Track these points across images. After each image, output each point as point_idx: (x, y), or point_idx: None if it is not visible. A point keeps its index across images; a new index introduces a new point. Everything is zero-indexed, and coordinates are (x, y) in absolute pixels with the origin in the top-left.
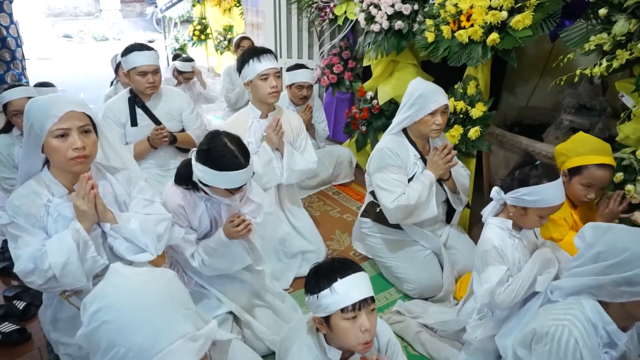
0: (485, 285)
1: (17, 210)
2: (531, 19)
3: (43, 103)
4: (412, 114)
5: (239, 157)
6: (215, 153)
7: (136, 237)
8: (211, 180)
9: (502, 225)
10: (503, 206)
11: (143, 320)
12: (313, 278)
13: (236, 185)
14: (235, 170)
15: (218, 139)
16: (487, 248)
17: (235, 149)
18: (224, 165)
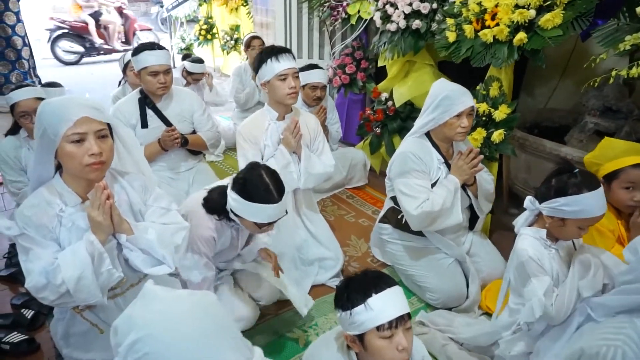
0: (534, 299)
1: (27, 221)
2: (561, 18)
3: (57, 106)
4: (436, 116)
5: (272, 192)
6: (249, 184)
7: (153, 249)
8: (241, 210)
9: (536, 235)
10: (537, 216)
11: (189, 352)
12: (345, 293)
13: (265, 220)
14: (266, 203)
15: (256, 170)
16: (523, 259)
17: (270, 182)
18: (255, 197)
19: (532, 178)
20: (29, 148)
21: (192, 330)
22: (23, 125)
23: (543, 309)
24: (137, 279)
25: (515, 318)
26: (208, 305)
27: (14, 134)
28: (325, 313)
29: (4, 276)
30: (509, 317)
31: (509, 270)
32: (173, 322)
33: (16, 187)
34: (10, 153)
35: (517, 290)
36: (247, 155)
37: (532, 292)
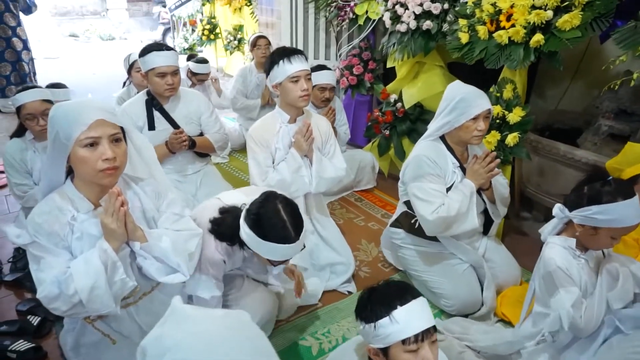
0: (561, 311)
1: (38, 229)
2: (580, 19)
3: (70, 109)
4: (452, 119)
5: (289, 230)
6: (265, 220)
7: (168, 257)
8: (254, 246)
9: (565, 244)
10: (566, 225)
11: None
12: (367, 304)
13: (280, 258)
14: (283, 244)
15: (272, 203)
16: (551, 269)
17: (288, 219)
18: (270, 235)
19: (545, 181)
20: (34, 151)
21: (230, 355)
22: (29, 128)
23: (571, 322)
24: (150, 287)
25: (540, 328)
26: (245, 327)
27: (20, 136)
28: (337, 320)
29: (9, 281)
30: (533, 327)
31: (534, 279)
32: (210, 345)
33: (21, 190)
34: (16, 156)
35: (543, 300)
36: (257, 159)
37: (560, 304)
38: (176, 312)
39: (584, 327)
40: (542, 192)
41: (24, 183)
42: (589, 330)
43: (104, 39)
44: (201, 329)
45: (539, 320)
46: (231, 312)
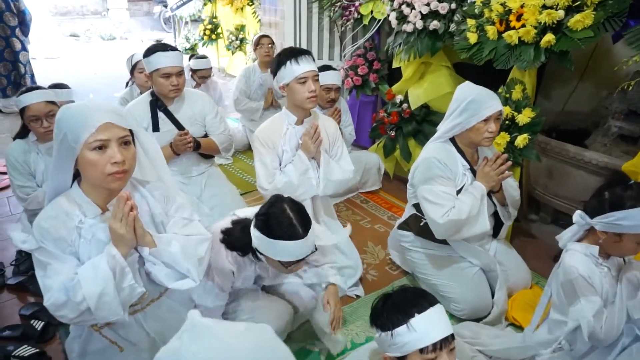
0: (582, 320)
1: (45, 234)
2: (592, 19)
3: (78, 111)
4: (462, 120)
5: (297, 227)
6: (271, 220)
7: (177, 262)
8: (265, 249)
9: (587, 251)
10: (587, 232)
11: None
12: (383, 312)
13: (290, 258)
14: (290, 240)
15: (279, 204)
16: (572, 277)
17: (295, 217)
18: (278, 233)
19: (553, 183)
20: (38, 152)
21: None
22: (33, 130)
23: (592, 332)
24: (158, 293)
25: (556, 335)
26: (269, 342)
27: (23, 137)
28: (346, 325)
29: (12, 285)
30: (548, 333)
31: (551, 285)
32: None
33: (24, 193)
34: (19, 157)
35: (561, 307)
36: (264, 161)
37: (581, 313)
38: (195, 325)
39: (604, 337)
40: (550, 194)
41: (27, 185)
42: (609, 341)
43: (105, 38)
44: (223, 345)
45: (555, 328)
46: (254, 327)
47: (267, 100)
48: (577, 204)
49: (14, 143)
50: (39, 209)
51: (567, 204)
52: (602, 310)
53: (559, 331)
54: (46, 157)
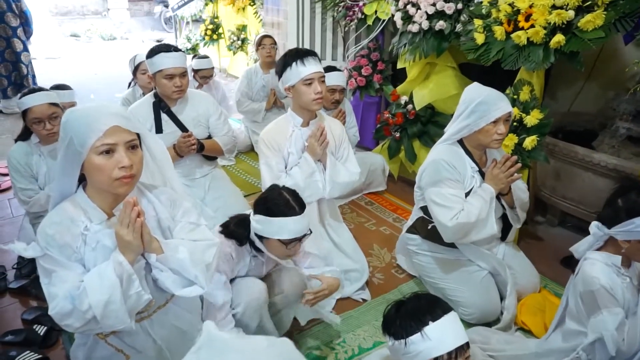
0: (605, 333)
1: (50, 241)
2: (603, 19)
3: (84, 114)
4: (471, 122)
5: (293, 206)
6: (270, 201)
7: (185, 269)
8: (264, 230)
9: (608, 261)
10: (606, 241)
11: None
12: (396, 319)
13: (288, 235)
14: (288, 216)
15: (275, 189)
16: (594, 288)
17: (291, 197)
18: (276, 211)
19: (561, 185)
20: (40, 154)
21: None
22: (35, 132)
23: (614, 345)
24: (165, 300)
25: (572, 345)
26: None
27: (25, 139)
28: (352, 329)
29: (14, 289)
30: (563, 342)
31: (568, 294)
32: None
33: (27, 195)
34: (21, 160)
35: (579, 317)
36: (270, 164)
37: (603, 325)
38: (212, 339)
39: (627, 349)
40: (557, 195)
41: (29, 188)
42: (631, 352)
43: (105, 38)
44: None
45: (570, 337)
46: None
47: (270, 101)
48: (585, 207)
49: (16, 145)
50: (42, 211)
51: (574, 206)
52: (624, 322)
53: (575, 341)
54: (48, 160)
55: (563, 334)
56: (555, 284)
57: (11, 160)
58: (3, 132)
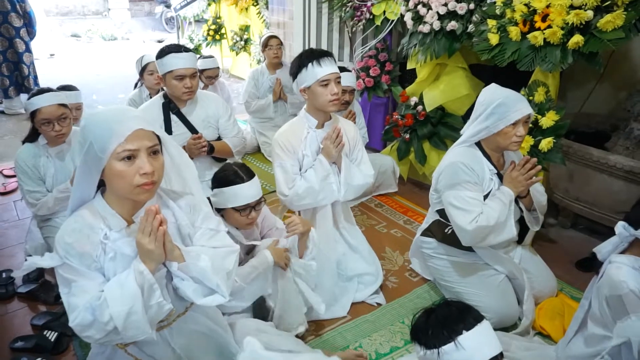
0: (633, 338)
1: (69, 249)
2: (623, 19)
3: (105, 118)
4: (490, 124)
5: (241, 174)
6: (220, 175)
7: (206, 277)
8: (220, 200)
9: (636, 264)
10: (631, 243)
11: None
12: (428, 328)
13: (241, 202)
14: (237, 184)
15: (226, 165)
16: (622, 293)
17: (238, 168)
18: (227, 182)
19: (575, 187)
20: (48, 156)
21: None
22: (44, 133)
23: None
24: (184, 308)
25: (596, 349)
26: None
27: (32, 141)
28: (368, 334)
29: (22, 293)
30: (586, 347)
31: (590, 298)
32: None
33: (34, 198)
34: (28, 162)
35: (604, 321)
36: (284, 166)
37: (632, 330)
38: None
39: None
40: (570, 198)
41: (37, 190)
42: None
43: (106, 39)
44: None
45: (594, 342)
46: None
47: (276, 92)
48: (599, 209)
49: (24, 147)
50: (49, 214)
51: (588, 208)
52: None
53: (599, 345)
54: (56, 161)
55: (585, 339)
56: (572, 287)
57: (19, 162)
58: (6, 133)
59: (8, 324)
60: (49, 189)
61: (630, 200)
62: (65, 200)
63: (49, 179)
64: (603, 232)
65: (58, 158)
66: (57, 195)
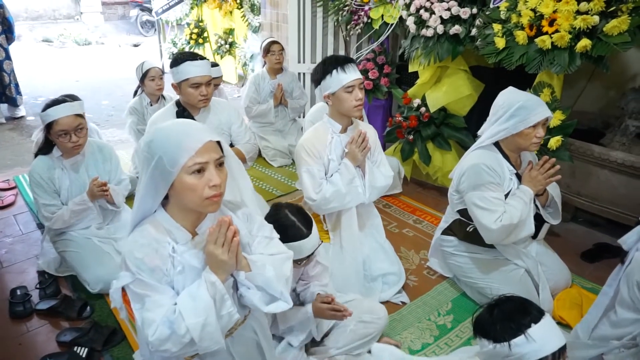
0: None
1: (140, 264)
2: (628, 24)
3: (173, 132)
4: (510, 126)
5: (301, 228)
6: (278, 226)
7: (271, 286)
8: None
9: None
10: None
11: None
12: (494, 323)
13: (300, 256)
14: (298, 240)
15: (280, 212)
16: None
17: (297, 219)
18: (285, 237)
19: (576, 182)
20: (62, 168)
21: None
22: (60, 145)
23: None
24: (243, 316)
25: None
26: None
27: (46, 153)
28: (399, 332)
29: (42, 310)
30: (614, 329)
31: (613, 285)
32: None
33: (50, 212)
34: (43, 174)
35: (634, 306)
36: (312, 171)
37: None
38: None
39: None
40: (572, 193)
41: (53, 203)
42: None
43: (80, 43)
44: None
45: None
46: None
47: (277, 97)
48: (600, 202)
49: (37, 159)
50: (63, 228)
51: (589, 202)
52: None
53: (630, 328)
54: (71, 173)
55: (612, 323)
56: (581, 278)
57: (34, 176)
58: None
59: (31, 342)
60: (63, 202)
61: (629, 193)
62: (81, 213)
63: (64, 192)
64: (602, 224)
65: (72, 170)
66: (73, 207)
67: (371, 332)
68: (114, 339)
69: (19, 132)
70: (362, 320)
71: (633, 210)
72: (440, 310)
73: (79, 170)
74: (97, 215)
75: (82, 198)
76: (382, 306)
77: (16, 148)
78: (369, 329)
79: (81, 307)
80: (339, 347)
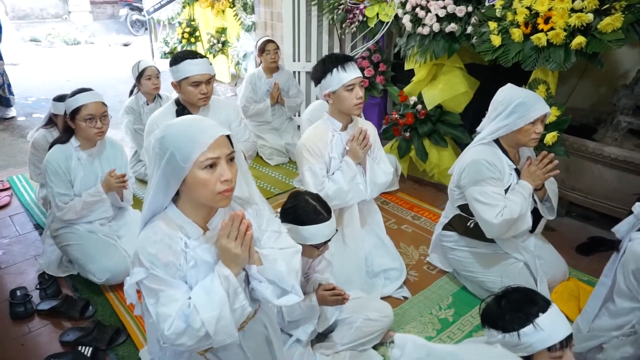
0: None
1: (153, 260)
2: (621, 22)
3: (185, 128)
4: (510, 122)
5: (321, 212)
6: (299, 210)
7: (283, 280)
8: (298, 237)
9: None
10: None
11: None
12: (503, 313)
13: (321, 239)
14: (320, 223)
15: (300, 197)
16: None
17: (317, 204)
18: (308, 220)
19: (570, 177)
20: (78, 159)
21: None
22: (84, 131)
23: None
24: (254, 310)
25: (624, 319)
26: None
27: (64, 142)
28: (401, 326)
29: (44, 310)
30: (613, 319)
31: (609, 275)
32: None
33: (63, 201)
34: (61, 163)
35: (631, 294)
36: (314, 170)
37: None
38: None
39: None
40: (566, 187)
41: (66, 193)
42: None
43: (69, 43)
44: None
45: (622, 314)
46: None
47: (273, 96)
48: (594, 196)
49: (55, 148)
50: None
51: (583, 196)
52: None
53: (627, 317)
54: (86, 165)
55: (611, 313)
56: (577, 271)
57: (50, 163)
58: None
59: (34, 342)
60: (76, 193)
61: (622, 187)
62: (94, 205)
63: (78, 183)
64: (596, 218)
65: (88, 161)
66: (87, 199)
67: (377, 330)
68: (118, 338)
69: (10, 133)
70: (368, 318)
71: (625, 204)
72: (441, 304)
73: (94, 162)
74: (109, 208)
75: (97, 189)
76: (388, 305)
77: (8, 149)
78: (375, 327)
79: (83, 307)
80: (345, 342)
